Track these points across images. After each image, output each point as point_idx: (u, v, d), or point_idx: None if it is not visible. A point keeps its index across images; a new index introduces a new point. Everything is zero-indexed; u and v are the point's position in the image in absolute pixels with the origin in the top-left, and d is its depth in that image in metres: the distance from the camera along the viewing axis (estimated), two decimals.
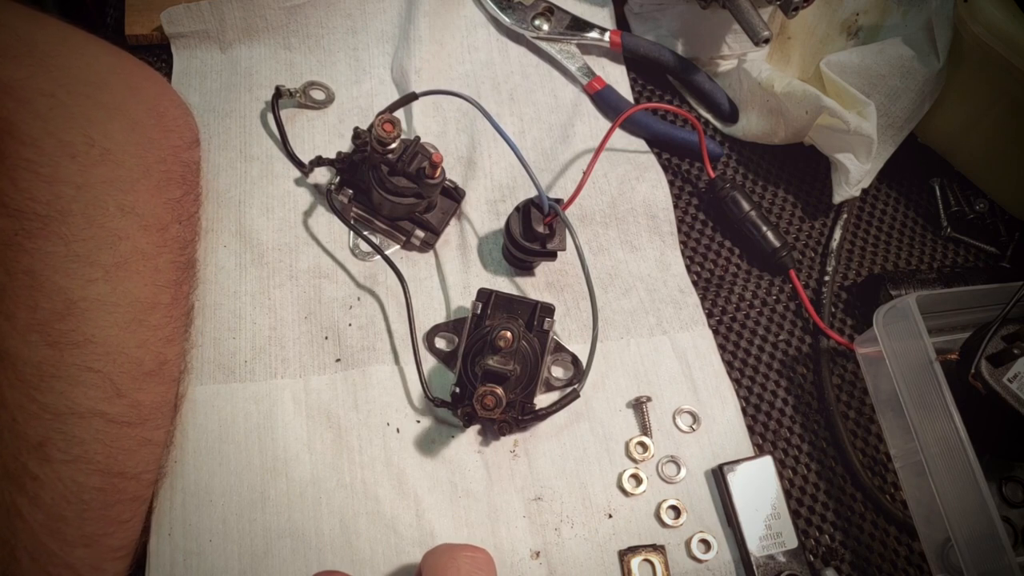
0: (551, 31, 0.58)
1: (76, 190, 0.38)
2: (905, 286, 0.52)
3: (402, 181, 0.46)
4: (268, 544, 0.40)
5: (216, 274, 0.47)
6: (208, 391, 0.44)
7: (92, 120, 0.40)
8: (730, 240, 0.54)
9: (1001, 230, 0.57)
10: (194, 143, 0.48)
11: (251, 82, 0.54)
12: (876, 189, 0.58)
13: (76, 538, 0.35)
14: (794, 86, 0.52)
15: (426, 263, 0.50)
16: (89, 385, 0.36)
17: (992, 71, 0.51)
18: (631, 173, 0.54)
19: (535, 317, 0.45)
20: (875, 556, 0.46)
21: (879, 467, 0.48)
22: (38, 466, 0.34)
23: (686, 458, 0.46)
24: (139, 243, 0.40)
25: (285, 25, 0.55)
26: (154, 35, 0.54)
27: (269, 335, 0.46)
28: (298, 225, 0.49)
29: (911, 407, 0.43)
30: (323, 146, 0.52)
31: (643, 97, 0.60)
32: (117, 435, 0.37)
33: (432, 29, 0.56)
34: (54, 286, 0.36)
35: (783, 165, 0.58)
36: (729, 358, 0.50)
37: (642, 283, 0.51)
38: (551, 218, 0.47)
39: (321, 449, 0.43)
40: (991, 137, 0.55)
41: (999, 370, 0.43)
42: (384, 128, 0.44)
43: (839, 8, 0.58)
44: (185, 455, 0.42)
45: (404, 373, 0.46)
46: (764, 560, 0.43)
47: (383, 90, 0.55)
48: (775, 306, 0.52)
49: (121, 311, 0.38)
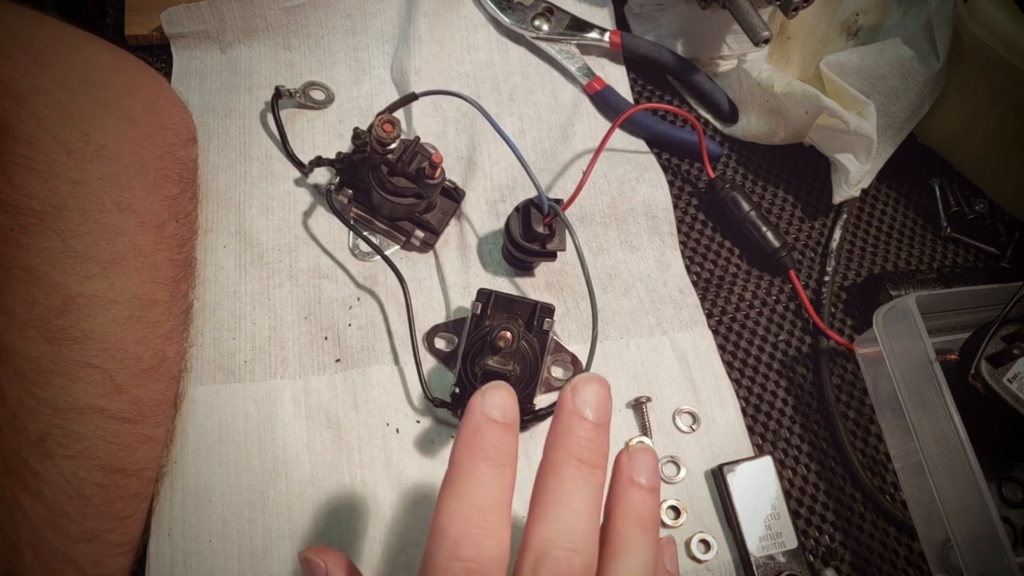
0: (551, 31, 0.58)
1: (72, 186, 0.38)
2: (905, 286, 0.52)
3: (402, 181, 0.46)
4: (268, 544, 0.40)
5: (216, 274, 0.47)
6: (207, 391, 0.44)
7: (89, 117, 0.40)
8: (730, 240, 0.54)
9: (1001, 230, 0.57)
10: (191, 141, 0.48)
11: (251, 82, 0.54)
12: (876, 189, 0.58)
13: (78, 534, 0.35)
14: (794, 86, 0.52)
15: (426, 263, 0.50)
16: (88, 381, 0.36)
17: (992, 71, 0.51)
18: (631, 173, 0.54)
19: (535, 317, 0.45)
20: (875, 556, 0.45)
21: (879, 467, 0.48)
22: (39, 462, 0.34)
23: (686, 458, 0.46)
24: (136, 240, 0.40)
25: (285, 25, 0.55)
26: (154, 35, 0.54)
27: (269, 335, 0.46)
28: (298, 225, 0.49)
29: (911, 407, 0.43)
30: (323, 146, 0.52)
31: (643, 97, 0.60)
32: (117, 431, 0.37)
33: (432, 29, 0.56)
34: (51, 282, 0.36)
35: (783, 165, 0.58)
36: (729, 358, 0.50)
37: (642, 283, 0.51)
38: (551, 218, 0.47)
39: (321, 449, 0.43)
40: (991, 137, 0.55)
41: (999, 370, 0.43)
42: (384, 128, 0.44)
43: (839, 8, 0.58)
44: (185, 455, 0.42)
45: (404, 373, 0.46)
46: (764, 560, 0.43)
47: (383, 90, 0.55)
48: (775, 306, 0.52)
49: (119, 307, 0.38)
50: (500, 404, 0.28)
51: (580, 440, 0.28)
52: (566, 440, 0.28)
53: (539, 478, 0.29)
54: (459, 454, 0.28)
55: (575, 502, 0.28)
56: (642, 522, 0.29)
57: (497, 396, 0.29)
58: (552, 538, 0.27)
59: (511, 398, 0.29)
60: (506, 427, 0.28)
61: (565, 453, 0.28)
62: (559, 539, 0.27)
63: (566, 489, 0.28)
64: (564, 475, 0.28)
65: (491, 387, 0.29)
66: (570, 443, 0.28)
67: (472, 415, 0.28)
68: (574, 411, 0.29)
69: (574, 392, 0.29)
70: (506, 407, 0.29)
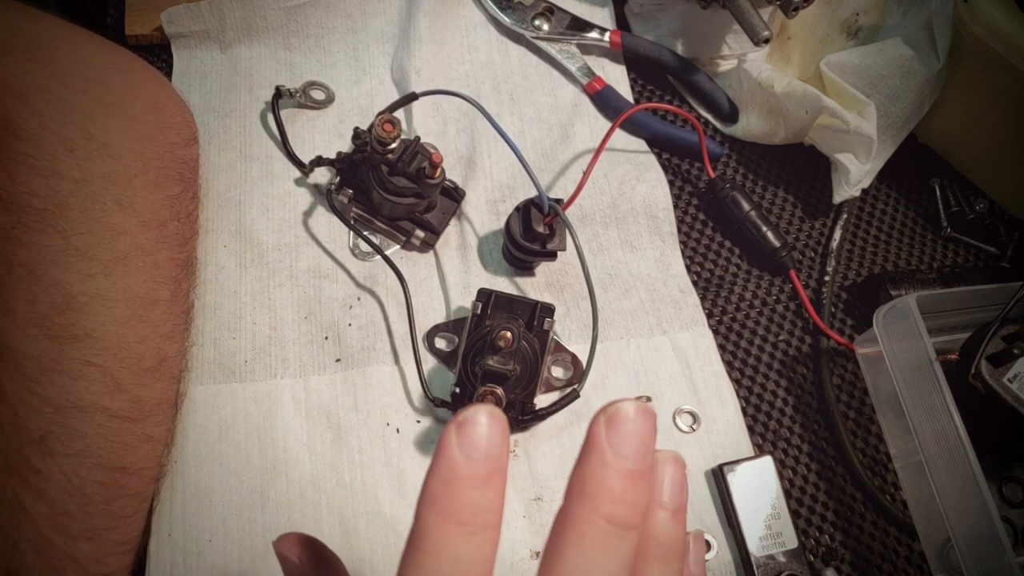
0: (551, 31, 0.58)
1: (74, 184, 0.38)
2: (905, 286, 0.52)
3: (402, 181, 0.46)
4: (268, 544, 0.40)
5: (216, 274, 0.47)
6: (208, 391, 0.44)
7: (90, 115, 0.40)
8: (730, 240, 0.54)
9: (1001, 230, 0.57)
10: (192, 140, 0.48)
11: (251, 82, 0.54)
12: (876, 189, 0.58)
13: (79, 532, 0.35)
14: (794, 86, 0.52)
15: (426, 263, 0.50)
16: (90, 379, 0.36)
17: (992, 71, 0.51)
18: (631, 173, 0.54)
19: (535, 317, 0.45)
20: (875, 556, 0.45)
21: (879, 467, 0.48)
22: (40, 460, 0.34)
23: (686, 458, 0.45)
24: (138, 239, 0.40)
25: (285, 25, 0.55)
26: (154, 35, 0.54)
27: (269, 335, 0.46)
28: (298, 225, 0.49)
29: (911, 407, 0.43)
30: (323, 146, 0.52)
31: (643, 97, 0.60)
32: (118, 430, 0.37)
33: (432, 29, 0.56)
34: (52, 280, 0.36)
35: (783, 165, 0.58)
36: (729, 358, 0.50)
37: (642, 283, 0.51)
38: (551, 218, 0.47)
39: (321, 449, 0.43)
40: (991, 137, 0.55)
41: (999, 370, 0.43)
42: (384, 128, 0.44)
43: (839, 8, 0.58)
44: (185, 455, 0.42)
45: (404, 373, 0.46)
46: (764, 560, 0.43)
47: (383, 90, 0.55)
48: (775, 306, 0.52)
49: (120, 306, 0.38)
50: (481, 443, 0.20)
51: (614, 494, 0.21)
52: (595, 491, 0.21)
53: (555, 536, 0.22)
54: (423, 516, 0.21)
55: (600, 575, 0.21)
56: (665, 555, 0.23)
57: (477, 432, 0.20)
58: None
59: (497, 426, 0.21)
60: (488, 476, 0.21)
61: (592, 511, 0.21)
62: None
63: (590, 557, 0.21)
64: (589, 539, 0.21)
65: (469, 416, 0.21)
66: (600, 497, 0.21)
67: (443, 458, 0.20)
68: (606, 453, 0.21)
69: (609, 426, 0.21)
70: (490, 444, 0.21)
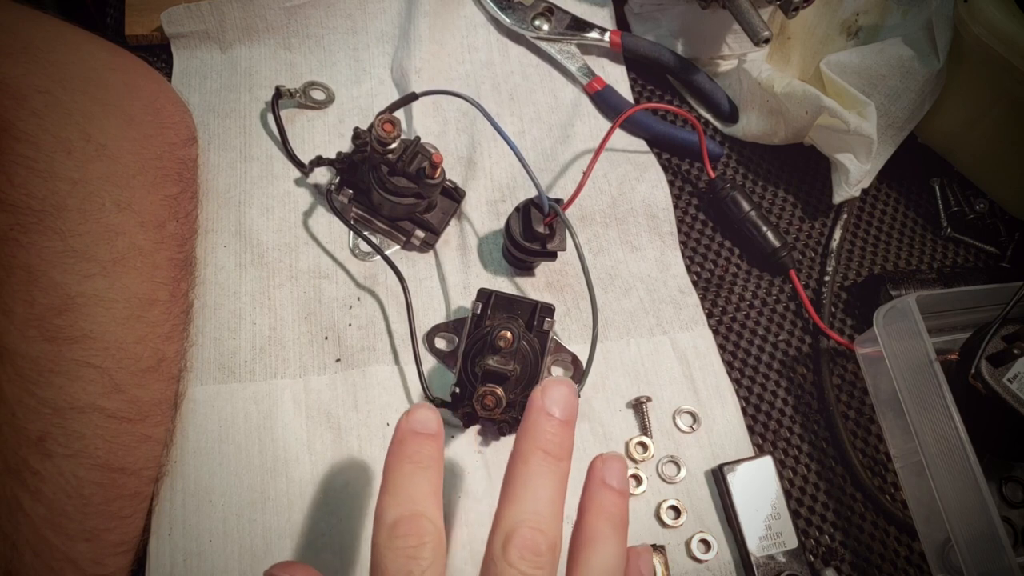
0: (551, 31, 0.58)
1: (72, 185, 0.38)
2: (905, 286, 0.52)
3: (402, 181, 0.46)
4: (268, 544, 0.40)
5: (216, 274, 0.47)
6: (208, 391, 0.43)
7: (88, 116, 0.40)
8: (730, 240, 0.54)
9: (1001, 230, 0.57)
10: (191, 140, 0.48)
11: (251, 82, 0.54)
12: (876, 189, 0.58)
13: (78, 533, 0.35)
14: (794, 86, 0.52)
15: (426, 263, 0.50)
16: (88, 380, 0.36)
17: (992, 71, 0.51)
18: (631, 173, 0.54)
19: (535, 317, 0.45)
20: (875, 556, 0.45)
21: (879, 467, 0.48)
22: (39, 461, 0.34)
23: (686, 458, 0.46)
24: (136, 239, 0.40)
25: (285, 25, 0.55)
26: (154, 35, 0.54)
27: (269, 335, 0.46)
28: (298, 225, 0.49)
29: (911, 407, 0.43)
30: (323, 146, 0.52)
31: (643, 97, 0.60)
32: (117, 431, 0.37)
33: (432, 29, 0.56)
34: (51, 281, 0.36)
35: (783, 165, 0.58)
36: (729, 358, 0.50)
37: (642, 283, 0.51)
38: (551, 218, 0.47)
39: (321, 449, 0.43)
40: (991, 137, 0.55)
41: (999, 370, 0.43)
42: (384, 128, 0.44)
43: (839, 8, 0.58)
44: (185, 455, 0.42)
45: (404, 373, 0.46)
46: (764, 560, 0.43)
47: (383, 90, 0.55)
48: (775, 306, 0.52)
49: (119, 307, 0.38)
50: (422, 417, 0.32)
51: (547, 434, 0.32)
52: (534, 434, 0.32)
53: (509, 467, 0.32)
54: (387, 461, 0.32)
55: (541, 488, 0.31)
56: (612, 519, 0.32)
57: (420, 411, 0.32)
58: (520, 518, 0.30)
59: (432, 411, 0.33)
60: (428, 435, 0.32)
61: (533, 445, 0.31)
62: (526, 519, 0.30)
63: (533, 477, 0.31)
64: (531, 464, 0.31)
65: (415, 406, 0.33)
66: (538, 436, 0.31)
67: (398, 431, 0.32)
68: (542, 408, 0.32)
69: (543, 392, 0.32)
70: (427, 419, 0.32)
